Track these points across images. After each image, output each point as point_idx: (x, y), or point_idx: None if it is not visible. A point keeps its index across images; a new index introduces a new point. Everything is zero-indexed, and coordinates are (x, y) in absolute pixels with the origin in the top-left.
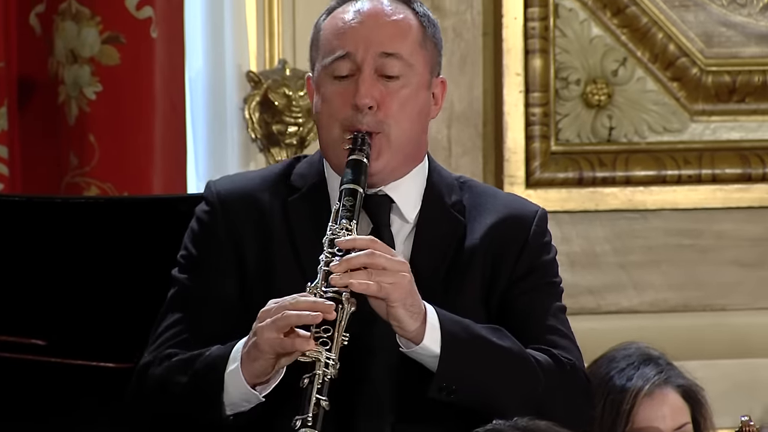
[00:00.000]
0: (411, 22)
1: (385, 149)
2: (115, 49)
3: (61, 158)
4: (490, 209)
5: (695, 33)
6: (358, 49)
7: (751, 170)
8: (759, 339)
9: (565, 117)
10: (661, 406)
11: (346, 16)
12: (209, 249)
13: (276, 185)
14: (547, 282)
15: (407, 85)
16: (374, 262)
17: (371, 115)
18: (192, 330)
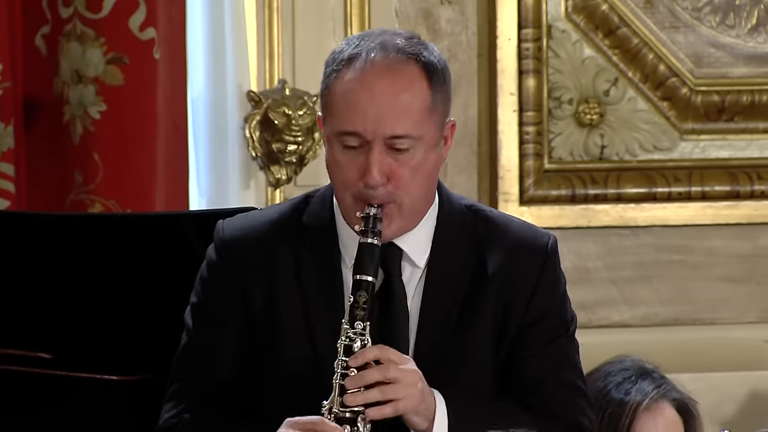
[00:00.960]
0: (419, 90)
1: (397, 217)
2: (119, 70)
3: (66, 176)
4: (502, 244)
5: (685, 54)
6: (366, 130)
7: (740, 188)
8: (747, 352)
9: (558, 135)
10: (658, 419)
11: (353, 86)
12: (217, 299)
13: (286, 230)
14: (559, 323)
15: (416, 155)
16: (387, 376)
17: (382, 189)
18: (205, 385)
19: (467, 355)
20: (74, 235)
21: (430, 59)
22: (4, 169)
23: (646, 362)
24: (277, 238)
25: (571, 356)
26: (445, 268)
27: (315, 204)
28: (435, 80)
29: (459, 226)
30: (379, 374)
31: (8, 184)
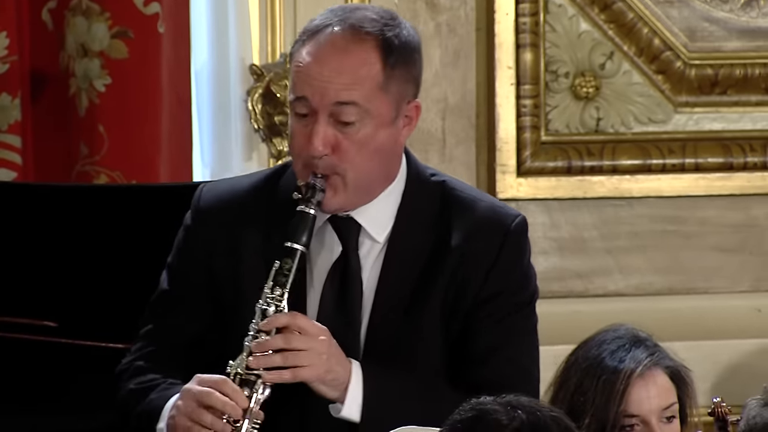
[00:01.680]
0: (371, 67)
1: (341, 190)
2: (124, 44)
3: (72, 148)
4: (466, 222)
5: (679, 28)
6: (313, 96)
7: (733, 159)
8: (739, 321)
9: (554, 108)
10: (651, 386)
11: (307, 56)
12: (186, 262)
13: (258, 201)
14: (513, 303)
15: (363, 128)
16: (291, 345)
17: (326, 160)
18: (166, 340)
19: (420, 331)
20: (80, 206)
21: (390, 38)
22: (11, 141)
23: (640, 331)
24: (250, 210)
25: (522, 334)
26: (405, 244)
27: (289, 175)
28: (392, 58)
29: (426, 202)
30: (283, 341)
31: (15, 155)
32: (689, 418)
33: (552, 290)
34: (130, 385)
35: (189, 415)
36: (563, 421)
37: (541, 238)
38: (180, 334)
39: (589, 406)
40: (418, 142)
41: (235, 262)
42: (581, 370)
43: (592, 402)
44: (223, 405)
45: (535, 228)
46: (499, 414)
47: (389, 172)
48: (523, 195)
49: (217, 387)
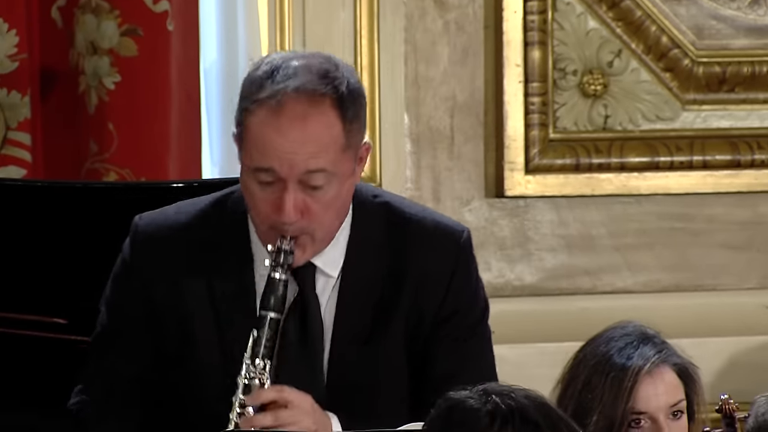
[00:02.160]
0: (332, 130)
1: (310, 246)
2: (133, 41)
3: (81, 145)
4: (415, 242)
5: (687, 26)
6: (281, 168)
7: (741, 157)
8: (747, 318)
9: (562, 106)
10: (659, 383)
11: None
12: (124, 296)
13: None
14: (468, 325)
15: (330, 190)
16: (279, 422)
17: (297, 224)
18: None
19: (383, 359)
20: (89, 203)
21: (343, 92)
22: (20, 138)
23: (648, 328)
24: (191, 243)
25: (477, 358)
26: (357, 273)
27: (231, 207)
28: (348, 115)
29: (373, 227)
30: (272, 420)
31: (25, 153)
32: (696, 414)
33: (560, 287)
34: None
35: None
36: (538, 399)
37: (549, 235)
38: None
39: (597, 403)
40: (427, 140)
41: (179, 298)
42: (589, 368)
43: (600, 399)
44: None
45: (543, 225)
46: (472, 401)
47: (345, 214)
48: (531, 192)
49: None
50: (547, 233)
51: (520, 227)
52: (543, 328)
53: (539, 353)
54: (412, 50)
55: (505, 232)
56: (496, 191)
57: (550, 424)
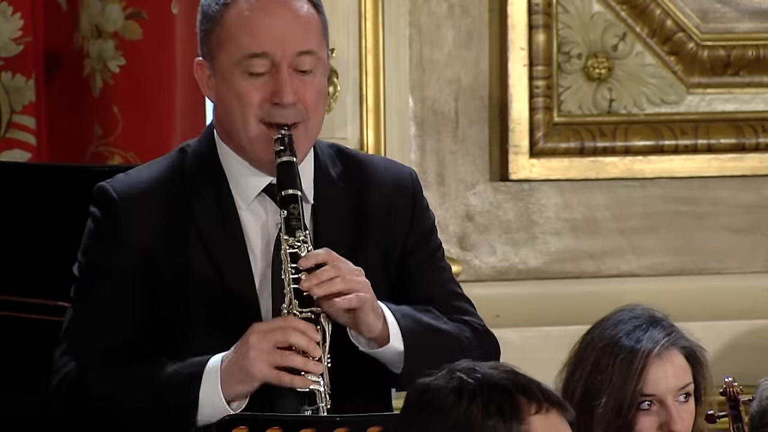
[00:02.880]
0: (312, 13)
1: (303, 140)
2: (138, 25)
3: (86, 129)
4: (373, 179)
5: (692, 9)
6: (276, 49)
7: (745, 140)
8: (752, 301)
9: (567, 89)
10: (668, 366)
11: (251, 13)
12: (111, 253)
13: (173, 180)
14: (436, 245)
15: (317, 75)
16: (340, 273)
17: (293, 109)
18: (111, 338)
19: None
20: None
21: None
22: (25, 122)
23: (656, 311)
24: (165, 190)
25: (447, 268)
26: (328, 205)
27: (193, 153)
28: (319, 9)
29: (331, 165)
30: (334, 271)
31: (30, 136)
32: (703, 397)
33: (565, 271)
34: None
35: (272, 361)
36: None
37: (554, 219)
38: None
39: (606, 385)
40: (432, 123)
41: (167, 244)
42: (598, 350)
43: (609, 381)
44: (308, 343)
45: (548, 209)
46: (438, 382)
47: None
48: (536, 176)
49: (294, 327)
50: (552, 217)
51: (524, 211)
52: (548, 311)
53: (544, 337)
54: (416, 33)
55: (510, 216)
56: (500, 175)
57: (519, 386)
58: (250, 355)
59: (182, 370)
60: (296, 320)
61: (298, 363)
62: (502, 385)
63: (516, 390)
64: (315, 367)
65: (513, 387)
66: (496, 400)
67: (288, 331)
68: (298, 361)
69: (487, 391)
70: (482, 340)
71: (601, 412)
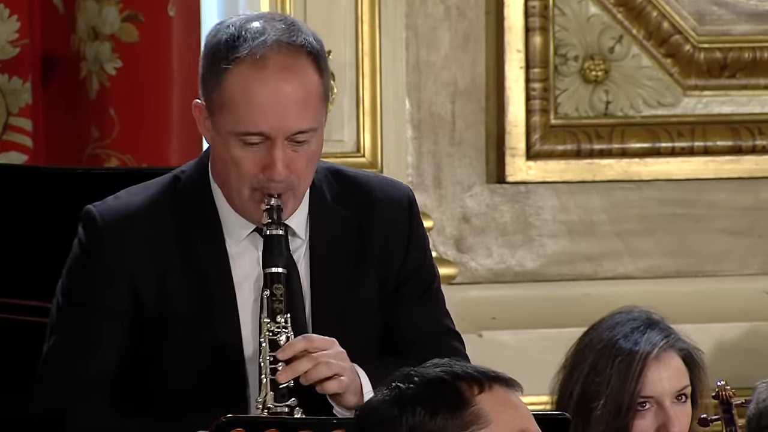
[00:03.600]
0: (314, 82)
1: (291, 202)
2: (134, 27)
3: (82, 131)
4: (369, 200)
5: (688, 11)
6: (272, 129)
7: (742, 142)
8: (748, 304)
9: (563, 92)
10: (666, 368)
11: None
12: (97, 286)
13: (163, 211)
14: (432, 274)
15: (313, 143)
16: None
17: (283, 182)
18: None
19: (359, 314)
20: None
21: (314, 45)
22: (22, 124)
23: (653, 312)
24: (153, 218)
25: (441, 303)
26: (324, 235)
27: (185, 182)
28: (322, 67)
29: (326, 191)
30: (310, 363)
31: (26, 138)
32: (700, 400)
33: (562, 273)
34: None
35: None
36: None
37: (551, 221)
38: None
39: (604, 387)
40: (428, 125)
41: (153, 276)
42: (596, 352)
43: (608, 383)
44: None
45: (545, 211)
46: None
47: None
48: (533, 178)
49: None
50: (549, 219)
51: (521, 213)
52: (544, 314)
53: (540, 339)
54: (413, 36)
55: (507, 218)
56: (497, 177)
57: (455, 375)
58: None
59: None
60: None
61: None
62: (440, 378)
63: (454, 379)
64: None
65: (450, 377)
66: (437, 395)
67: None
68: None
69: (427, 390)
70: None
71: (600, 413)
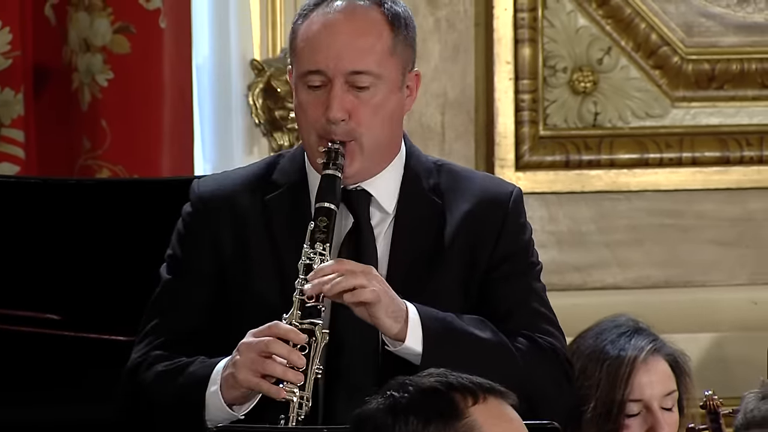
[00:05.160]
0: (380, 32)
1: (358, 156)
2: (126, 39)
3: (74, 142)
4: (467, 192)
5: (676, 23)
6: (328, 67)
7: (730, 153)
8: (736, 314)
9: (552, 103)
10: (654, 373)
11: (316, 28)
12: (190, 250)
13: (257, 184)
14: (527, 263)
15: (377, 93)
16: (343, 267)
17: (343, 126)
18: (175, 331)
19: (433, 294)
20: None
21: (393, 8)
22: (14, 135)
23: (640, 321)
24: (248, 191)
25: (537, 289)
26: (412, 215)
27: (286, 160)
28: (396, 26)
29: (425, 177)
30: (337, 266)
31: (18, 150)
32: (686, 409)
33: (551, 283)
34: (156, 368)
35: (254, 369)
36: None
37: (540, 231)
38: (190, 323)
39: (593, 390)
40: (418, 136)
41: (242, 244)
42: (584, 357)
43: (597, 387)
44: (289, 353)
45: (534, 222)
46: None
47: (396, 141)
48: (522, 189)
49: (276, 334)
50: (538, 229)
51: None
52: None
53: None
54: None
55: None
56: None
57: (450, 385)
58: (237, 362)
59: (197, 371)
60: (282, 328)
61: (277, 372)
62: (434, 389)
63: (448, 389)
64: (294, 376)
65: (445, 387)
66: (431, 405)
67: (271, 341)
68: (277, 370)
69: (421, 399)
70: (542, 354)
71: (590, 416)
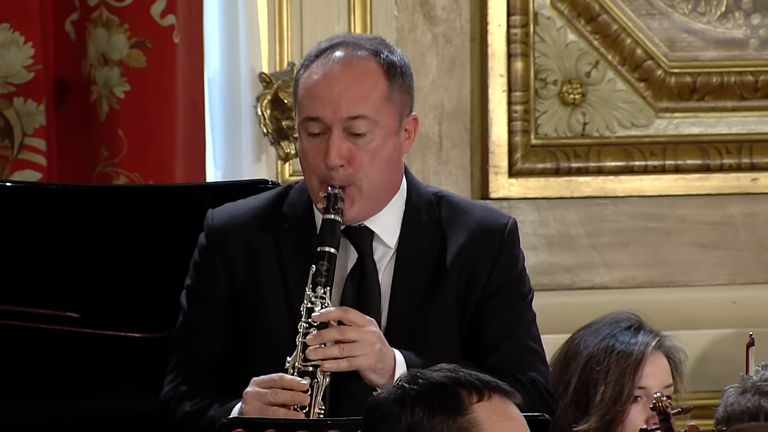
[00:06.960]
0: (376, 80)
1: (358, 199)
2: (142, 53)
3: (93, 150)
4: (465, 224)
5: (660, 39)
6: (326, 114)
7: (710, 161)
8: (716, 312)
9: (543, 114)
10: (657, 366)
11: (316, 78)
12: (206, 281)
13: (268, 216)
14: (518, 294)
15: (374, 139)
16: (345, 337)
17: (342, 171)
18: (197, 364)
19: (434, 323)
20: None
21: (389, 57)
22: (36, 144)
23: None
24: (260, 224)
25: (526, 321)
26: (413, 247)
27: (294, 193)
28: (392, 74)
29: (425, 210)
30: (338, 333)
31: (40, 157)
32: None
33: (541, 283)
34: (184, 408)
35: (262, 414)
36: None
37: (531, 234)
38: (211, 352)
39: (603, 375)
40: (417, 146)
41: (254, 275)
42: (592, 345)
43: (606, 373)
44: (291, 398)
45: (526, 225)
46: (385, 395)
47: (395, 182)
48: (515, 194)
49: (277, 384)
50: (529, 233)
51: None
52: None
53: None
54: None
55: None
56: (481, 193)
57: (458, 380)
58: (245, 409)
59: (215, 416)
60: (283, 378)
61: (279, 414)
62: (442, 383)
63: (455, 384)
64: (295, 416)
65: (452, 382)
66: (437, 398)
67: (277, 391)
68: (279, 413)
69: (428, 392)
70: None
71: (599, 399)
